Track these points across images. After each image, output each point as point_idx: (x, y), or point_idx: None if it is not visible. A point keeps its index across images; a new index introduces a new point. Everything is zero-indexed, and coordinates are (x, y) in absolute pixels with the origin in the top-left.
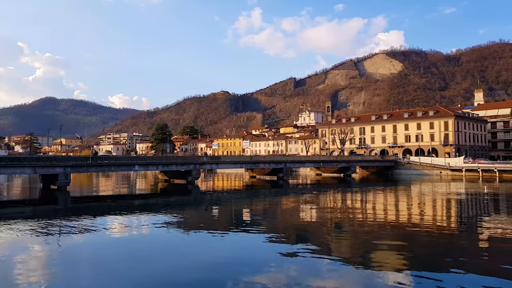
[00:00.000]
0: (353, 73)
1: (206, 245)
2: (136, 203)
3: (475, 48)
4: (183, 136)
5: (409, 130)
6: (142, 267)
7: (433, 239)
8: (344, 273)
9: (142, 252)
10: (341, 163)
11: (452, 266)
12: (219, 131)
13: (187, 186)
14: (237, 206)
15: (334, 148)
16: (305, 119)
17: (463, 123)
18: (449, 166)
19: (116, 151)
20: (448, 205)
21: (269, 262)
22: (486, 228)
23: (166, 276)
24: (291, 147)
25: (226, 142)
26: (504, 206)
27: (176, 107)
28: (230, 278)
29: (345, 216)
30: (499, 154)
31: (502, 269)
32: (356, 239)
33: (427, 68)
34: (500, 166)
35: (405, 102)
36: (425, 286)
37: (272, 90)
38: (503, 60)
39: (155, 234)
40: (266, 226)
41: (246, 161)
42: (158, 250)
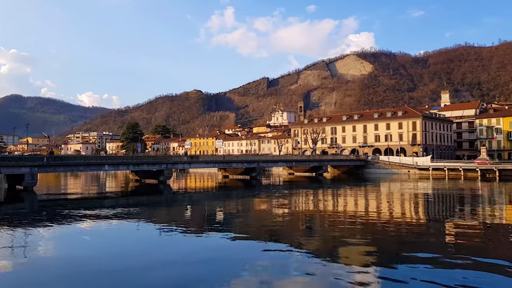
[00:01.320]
0: (325, 74)
1: (178, 246)
2: (106, 203)
3: (442, 51)
4: (155, 135)
5: (379, 130)
6: (111, 269)
7: (401, 236)
8: (316, 271)
9: (110, 254)
10: (313, 162)
11: (419, 261)
12: (191, 130)
13: (159, 186)
14: (210, 206)
15: (307, 148)
16: (278, 118)
17: (430, 124)
18: (417, 165)
19: (85, 151)
20: (415, 203)
21: (241, 261)
22: (451, 224)
23: (136, 277)
24: (264, 146)
25: (199, 142)
26: (468, 203)
27: (148, 106)
28: (202, 279)
29: (316, 215)
30: (464, 154)
31: (467, 262)
32: (327, 237)
33: (396, 69)
34: (464, 165)
35: (375, 103)
36: (393, 281)
37: (245, 89)
38: (468, 63)
39: (125, 235)
40: (238, 226)
41: (219, 160)
42: (128, 251)
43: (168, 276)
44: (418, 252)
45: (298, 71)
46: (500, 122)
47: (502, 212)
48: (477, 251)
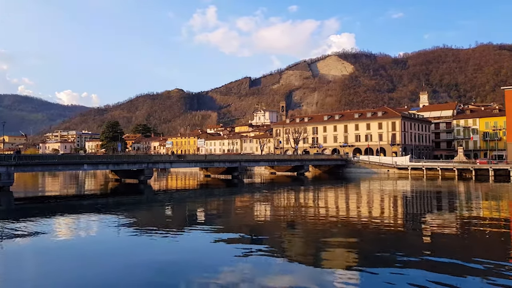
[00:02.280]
0: (306, 74)
1: (158, 246)
2: (85, 203)
3: (421, 52)
4: (136, 134)
5: (359, 130)
6: (90, 270)
7: (381, 236)
8: (296, 272)
9: (89, 255)
10: (294, 162)
11: (399, 262)
12: (173, 129)
13: (139, 186)
14: (191, 205)
15: (288, 147)
16: (260, 118)
17: (409, 124)
18: (396, 164)
19: (63, 150)
20: (395, 203)
21: (223, 262)
22: (430, 224)
23: (115, 279)
24: (246, 146)
25: (180, 141)
26: (446, 203)
27: (128, 104)
28: (183, 280)
29: (298, 214)
30: (441, 154)
31: (445, 264)
32: (308, 237)
33: (376, 70)
34: (442, 165)
35: (355, 103)
36: (373, 282)
37: (227, 89)
38: (446, 65)
39: (104, 236)
40: (220, 226)
41: (200, 160)
42: (107, 252)
43: (144, 278)
44: (398, 253)
45: (280, 71)
46: (476, 122)
47: (479, 211)
48: (454, 251)
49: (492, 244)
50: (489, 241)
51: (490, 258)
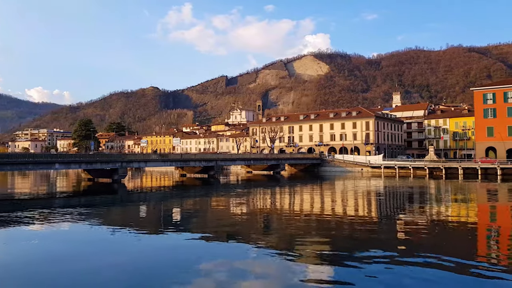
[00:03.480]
0: (283, 73)
1: (132, 246)
2: (57, 203)
3: (394, 54)
4: (109, 133)
5: (334, 129)
6: (60, 272)
7: (355, 233)
8: (272, 269)
9: (58, 256)
10: (271, 160)
11: (372, 257)
12: (148, 128)
13: (113, 185)
14: (166, 205)
15: (265, 146)
16: (236, 117)
17: (382, 123)
18: (369, 163)
19: (34, 148)
20: (368, 201)
21: (198, 261)
22: (401, 220)
23: (84, 281)
24: (222, 145)
25: (155, 140)
26: (417, 200)
27: (102, 102)
28: (158, 280)
29: (273, 213)
30: (413, 153)
31: (416, 259)
32: (284, 235)
33: (351, 71)
34: (414, 164)
35: (331, 103)
36: (348, 278)
37: (203, 87)
38: (418, 66)
39: (75, 236)
40: (195, 225)
41: (176, 159)
42: (78, 253)
43: (116, 279)
44: (371, 249)
45: (256, 70)
46: (446, 122)
47: (448, 208)
48: (425, 247)
49: (460, 239)
50: (457, 236)
51: (458, 253)
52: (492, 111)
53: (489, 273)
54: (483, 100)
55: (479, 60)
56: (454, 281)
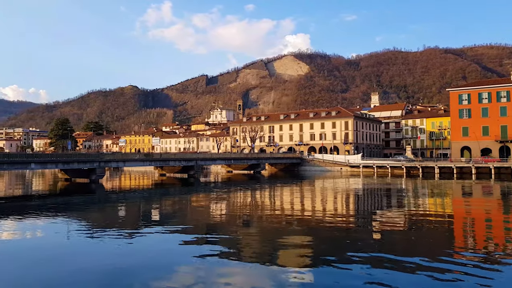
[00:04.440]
0: (263, 73)
1: (110, 248)
2: (32, 204)
3: (373, 54)
4: (87, 132)
5: (314, 129)
6: (35, 274)
7: (334, 233)
8: (251, 270)
9: (36, 258)
10: (251, 160)
11: (351, 254)
12: (126, 127)
13: (91, 185)
14: (145, 205)
15: (245, 146)
16: (216, 116)
17: (361, 123)
18: (348, 163)
19: (9, 148)
20: (347, 200)
21: (178, 262)
22: (379, 220)
23: (61, 285)
24: (202, 144)
25: (134, 139)
26: (395, 199)
27: (79, 101)
28: (136, 282)
29: (253, 213)
30: (391, 152)
31: (392, 258)
32: (263, 235)
33: (330, 71)
34: (391, 163)
35: (311, 103)
36: (326, 279)
37: (183, 86)
38: (396, 67)
39: (51, 238)
40: (175, 225)
41: (155, 158)
42: (56, 255)
43: (94, 282)
44: (349, 250)
45: (237, 70)
46: (423, 122)
47: (425, 207)
48: (401, 246)
49: (436, 238)
50: (434, 235)
51: (434, 252)
52: (467, 112)
53: (466, 268)
54: (459, 100)
55: (455, 62)
56: (427, 277)
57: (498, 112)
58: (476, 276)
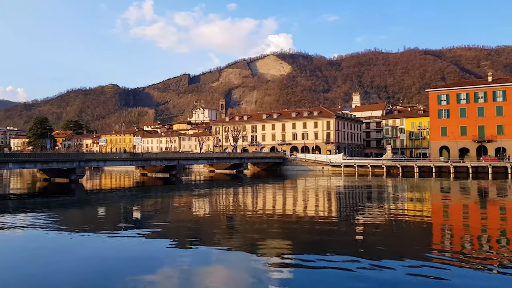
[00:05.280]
0: (246, 73)
1: (90, 248)
2: (10, 204)
3: (354, 55)
4: (66, 131)
5: (296, 128)
6: (8, 277)
7: (316, 229)
8: (234, 268)
9: (11, 259)
10: (233, 159)
11: (332, 251)
12: (107, 126)
13: (70, 185)
14: (126, 205)
15: (228, 145)
16: (199, 116)
17: (342, 123)
18: (330, 162)
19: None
20: (329, 199)
21: (159, 262)
22: (360, 216)
23: (38, 286)
24: (184, 144)
25: (115, 138)
26: (375, 197)
27: (59, 99)
28: (117, 282)
29: (236, 212)
30: (372, 151)
31: (375, 251)
32: (246, 233)
33: (312, 71)
34: (372, 162)
35: (293, 103)
36: (309, 271)
37: (165, 85)
38: (376, 67)
39: (29, 238)
40: (156, 225)
41: (137, 158)
42: (34, 256)
43: (73, 282)
44: (331, 244)
45: (219, 69)
46: (403, 122)
47: (404, 205)
48: (381, 242)
49: (414, 234)
50: (412, 232)
51: (413, 248)
52: (445, 112)
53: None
54: (438, 101)
55: (434, 63)
56: (405, 271)
57: (476, 113)
58: (452, 271)
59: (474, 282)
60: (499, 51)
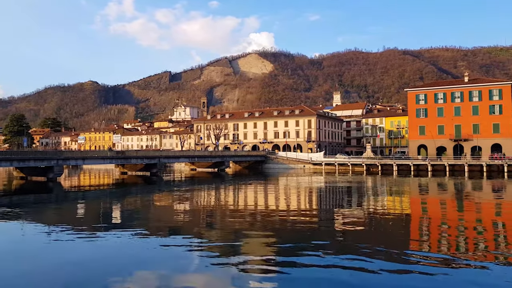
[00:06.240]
0: (227, 71)
1: (68, 248)
2: None
3: (335, 54)
4: (44, 129)
5: (278, 127)
6: None
7: (296, 227)
8: (215, 266)
9: None
10: (215, 158)
11: (313, 250)
12: (86, 124)
13: (48, 184)
14: (106, 204)
15: (209, 144)
16: (180, 114)
17: (323, 122)
18: (311, 160)
19: None
20: (310, 197)
21: (139, 262)
22: (341, 216)
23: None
24: (165, 142)
25: (94, 136)
26: (356, 196)
27: (36, 96)
28: (96, 282)
29: (218, 211)
30: (352, 150)
31: (355, 248)
32: (228, 232)
33: (294, 70)
34: (352, 161)
35: (275, 101)
36: (290, 270)
37: (146, 82)
38: (357, 67)
39: (3, 238)
40: (136, 224)
41: (117, 156)
42: (7, 257)
43: (51, 283)
44: (312, 242)
45: (201, 67)
46: (382, 121)
47: (384, 203)
48: (361, 240)
49: (393, 232)
50: (391, 229)
51: (391, 244)
52: (423, 111)
53: (422, 261)
54: (416, 100)
55: (413, 63)
56: (384, 268)
57: (453, 112)
58: (432, 267)
59: (455, 277)
60: (475, 52)
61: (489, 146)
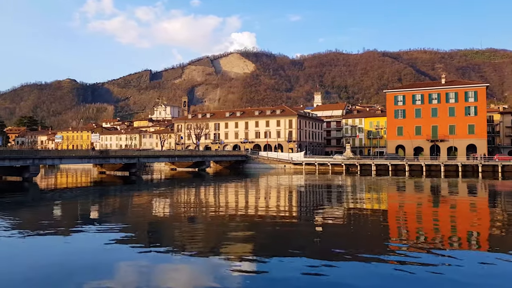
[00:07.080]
0: (209, 70)
1: (44, 248)
2: None
3: (316, 55)
4: (20, 127)
5: (259, 127)
6: None
7: (276, 228)
8: (195, 267)
9: None
10: (196, 157)
11: (292, 251)
12: (64, 123)
13: (23, 184)
14: (83, 204)
15: (190, 143)
16: (161, 113)
17: (304, 122)
18: (292, 160)
19: None
20: (290, 196)
21: (118, 261)
22: (321, 215)
23: None
24: (145, 141)
25: (72, 135)
26: (335, 195)
27: (12, 94)
28: (72, 284)
29: (197, 211)
30: (332, 150)
31: (333, 251)
32: (208, 232)
33: (276, 70)
34: (332, 161)
35: (256, 101)
36: (267, 272)
37: (125, 81)
38: (337, 68)
39: None
40: (115, 225)
41: (95, 155)
42: None
43: (25, 285)
44: (291, 244)
45: (182, 66)
46: (362, 122)
47: (362, 202)
48: (341, 239)
49: (372, 231)
50: (370, 228)
51: (371, 244)
52: (402, 112)
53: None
54: (394, 101)
55: (392, 64)
56: (363, 268)
57: (430, 113)
58: (415, 264)
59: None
60: (452, 55)
61: (464, 146)
